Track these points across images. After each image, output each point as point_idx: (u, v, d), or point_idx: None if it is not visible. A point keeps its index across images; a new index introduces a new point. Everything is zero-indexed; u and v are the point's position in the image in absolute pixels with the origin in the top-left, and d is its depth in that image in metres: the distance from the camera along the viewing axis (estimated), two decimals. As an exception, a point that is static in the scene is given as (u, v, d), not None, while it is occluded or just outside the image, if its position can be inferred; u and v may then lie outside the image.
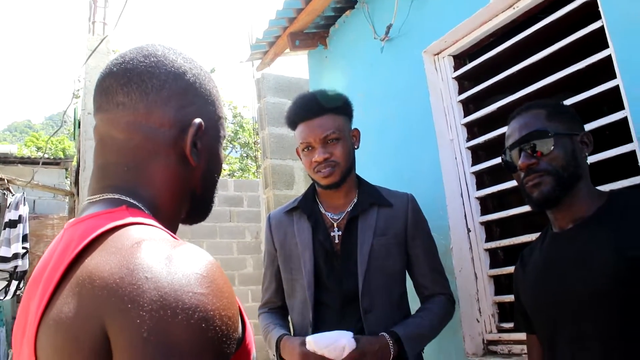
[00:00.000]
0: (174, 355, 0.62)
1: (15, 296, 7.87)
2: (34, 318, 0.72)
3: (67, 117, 8.78)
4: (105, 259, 0.70)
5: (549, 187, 1.49)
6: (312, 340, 1.80)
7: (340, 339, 1.78)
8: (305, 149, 2.03)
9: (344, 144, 2.01)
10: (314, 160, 1.99)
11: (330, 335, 1.81)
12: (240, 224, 10.15)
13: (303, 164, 2.09)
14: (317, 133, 1.98)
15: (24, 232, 7.65)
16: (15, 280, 7.43)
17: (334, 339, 1.79)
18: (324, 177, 2.00)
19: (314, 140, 1.99)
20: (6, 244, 7.38)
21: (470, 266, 2.43)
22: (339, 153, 1.99)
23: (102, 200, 0.85)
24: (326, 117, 2.00)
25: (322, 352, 1.77)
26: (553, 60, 2.20)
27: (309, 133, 2.00)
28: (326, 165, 1.98)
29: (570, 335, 1.46)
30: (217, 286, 0.69)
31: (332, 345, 1.77)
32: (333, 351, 1.76)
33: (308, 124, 2.01)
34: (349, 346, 1.76)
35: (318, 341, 1.79)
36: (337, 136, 1.99)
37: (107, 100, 0.88)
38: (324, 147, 1.99)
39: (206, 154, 0.94)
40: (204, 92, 0.94)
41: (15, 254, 7.34)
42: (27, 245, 7.69)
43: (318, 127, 1.99)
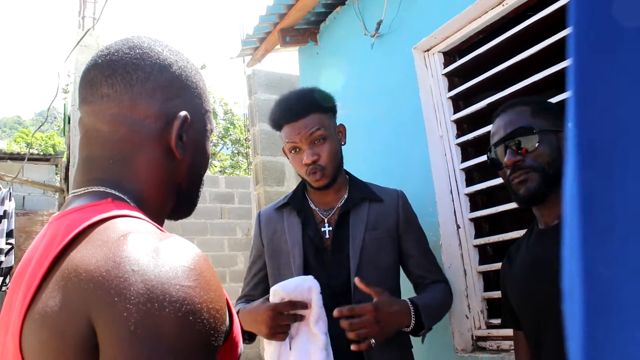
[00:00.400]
0: (162, 348, 0.61)
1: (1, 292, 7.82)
2: (19, 313, 0.71)
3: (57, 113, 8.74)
4: (91, 252, 0.69)
5: (534, 183, 1.49)
6: (278, 287, 1.76)
7: (304, 282, 1.75)
8: (293, 150, 2.02)
9: (330, 143, 2.00)
10: (303, 163, 1.98)
11: (293, 280, 1.78)
12: (231, 220, 10.15)
13: (292, 164, 2.08)
14: (302, 134, 1.97)
15: (9, 227, 7.57)
16: (1, 276, 7.37)
17: (296, 282, 1.76)
18: (315, 180, 2.00)
19: (300, 141, 1.98)
20: None
21: (460, 262, 2.44)
22: (326, 154, 1.98)
23: (87, 193, 0.84)
24: (311, 117, 1.99)
25: (290, 296, 1.73)
26: (543, 57, 2.20)
27: (294, 134, 1.99)
28: (314, 169, 1.97)
29: (555, 332, 1.46)
30: (205, 279, 0.68)
31: (299, 287, 1.73)
32: (300, 294, 1.73)
33: (293, 125, 2.00)
34: (315, 287, 1.73)
35: (284, 287, 1.75)
36: (323, 134, 1.98)
37: (91, 92, 0.88)
38: (311, 147, 1.98)
39: (192, 147, 0.93)
40: (191, 84, 0.93)
41: (0, 250, 7.27)
42: (12, 241, 7.62)
43: (303, 128, 1.98)
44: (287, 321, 1.74)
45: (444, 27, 2.49)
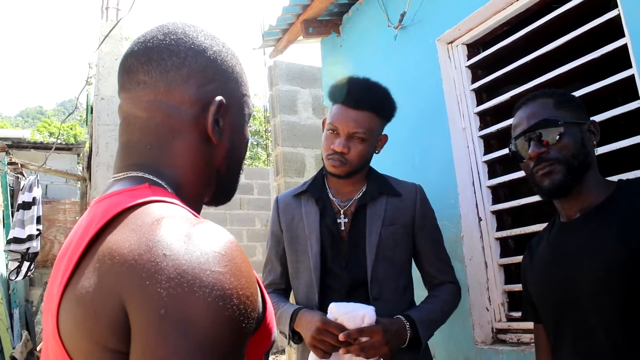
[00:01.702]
0: (191, 332, 0.62)
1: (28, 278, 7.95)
2: (57, 293, 0.73)
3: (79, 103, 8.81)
4: (125, 235, 0.70)
5: (560, 175, 1.48)
6: (334, 306, 1.81)
7: (361, 309, 1.79)
8: (330, 130, 2.02)
9: (365, 146, 1.99)
10: (332, 147, 1.98)
11: (352, 304, 1.82)
12: (250, 211, 10.20)
13: (322, 142, 2.07)
14: (348, 125, 1.96)
15: (37, 213, 7.70)
16: (27, 262, 7.49)
17: (355, 307, 1.80)
18: (333, 166, 2.00)
19: (342, 129, 1.97)
20: (20, 225, 7.42)
21: (481, 255, 2.44)
22: (356, 153, 1.98)
23: (126, 178, 0.85)
24: (365, 114, 1.97)
25: (341, 318, 1.78)
26: (567, 50, 2.19)
27: (341, 120, 1.98)
28: (339, 158, 1.98)
29: (575, 325, 1.46)
30: (236, 265, 0.69)
31: (352, 313, 1.77)
32: (352, 319, 1.76)
33: (346, 111, 1.98)
34: (369, 316, 1.76)
35: (340, 307, 1.80)
36: (364, 137, 1.97)
37: (129, 79, 0.89)
38: (347, 139, 1.97)
39: (229, 132, 0.93)
40: (226, 69, 0.93)
41: (30, 236, 7.38)
42: (40, 227, 7.75)
43: (352, 120, 1.96)
44: (331, 340, 1.78)
45: (468, 19, 2.47)
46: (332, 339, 1.78)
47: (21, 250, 7.31)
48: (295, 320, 1.94)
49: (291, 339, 1.98)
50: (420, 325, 1.88)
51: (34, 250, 7.44)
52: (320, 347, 1.80)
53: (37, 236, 7.56)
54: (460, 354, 2.44)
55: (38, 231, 7.61)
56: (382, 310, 1.93)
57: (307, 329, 1.86)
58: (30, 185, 7.78)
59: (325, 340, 1.79)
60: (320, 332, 1.79)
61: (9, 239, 7.37)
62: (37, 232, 7.53)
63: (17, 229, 7.34)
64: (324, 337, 1.79)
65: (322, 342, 1.80)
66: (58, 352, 0.71)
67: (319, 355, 1.82)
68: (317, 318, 1.83)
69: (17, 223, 7.44)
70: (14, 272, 7.38)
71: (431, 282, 2.10)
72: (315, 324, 1.81)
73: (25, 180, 8.05)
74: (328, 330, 1.78)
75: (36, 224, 7.54)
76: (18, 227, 7.35)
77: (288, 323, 1.96)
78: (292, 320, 1.95)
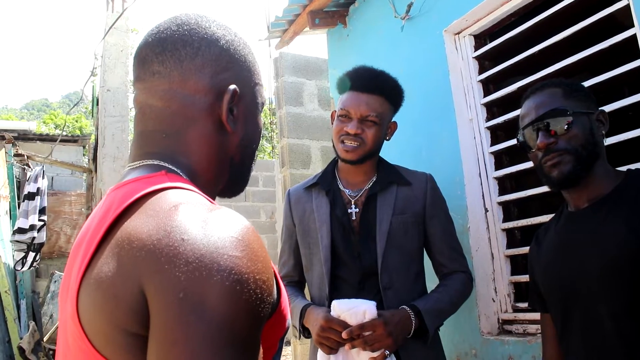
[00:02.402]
0: (208, 316, 0.63)
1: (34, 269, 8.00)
2: (76, 277, 0.75)
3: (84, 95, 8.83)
4: (143, 221, 0.72)
5: (569, 166, 1.47)
6: (336, 303, 1.85)
7: (362, 305, 1.81)
8: (342, 117, 2.03)
9: (377, 130, 2.01)
10: (345, 129, 1.99)
11: (352, 301, 1.85)
12: (255, 203, 10.22)
13: (333, 129, 2.09)
14: (361, 108, 1.98)
15: (41, 205, 7.74)
16: (32, 252, 7.54)
17: (355, 304, 1.83)
18: (346, 150, 2.01)
19: (354, 113, 1.99)
20: (24, 215, 7.47)
21: (487, 246, 2.44)
22: (370, 137, 1.99)
23: (142, 166, 0.87)
24: (376, 98, 2.00)
25: (344, 315, 1.81)
26: (574, 41, 2.18)
27: (353, 104, 2.00)
28: (354, 139, 1.98)
29: (583, 314, 1.46)
30: (252, 250, 0.70)
31: (353, 309, 1.80)
32: (354, 315, 1.80)
33: (357, 95, 2.01)
34: (370, 312, 1.79)
35: (341, 304, 1.84)
36: (376, 120, 1.99)
37: (143, 69, 0.90)
38: (360, 123, 1.99)
39: (243, 120, 0.94)
40: (239, 58, 0.94)
41: (32, 226, 7.42)
42: (44, 218, 7.78)
43: (364, 104, 1.99)
44: (335, 337, 1.81)
45: (475, 10, 2.46)
46: (336, 336, 1.81)
47: (26, 241, 7.36)
48: (304, 317, 1.98)
49: (302, 333, 2.02)
50: (426, 315, 1.89)
51: (39, 240, 7.48)
52: (325, 343, 1.84)
53: (41, 227, 7.59)
54: (466, 345, 2.45)
55: (42, 222, 7.64)
56: (393, 299, 1.95)
57: (313, 326, 1.91)
58: (36, 176, 7.82)
59: (329, 337, 1.83)
60: (324, 329, 1.83)
61: (14, 230, 7.43)
62: (40, 222, 7.56)
63: (21, 219, 7.41)
64: (328, 334, 1.82)
65: (326, 339, 1.84)
66: (77, 336, 0.72)
67: (325, 351, 1.86)
68: (321, 316, 1.86)
69: (21, 214, 7.50)
70: (20, 263, 7.44)
71: (442, 271, 2.11)
72: (319, 322, 1.85)
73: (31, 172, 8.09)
74: (331, 327, 1.82)
75: (39, 214, 7.58)
76: (22, 218, 7.42)
77: (298, 319, 2.00)
78: (302, 316, 1.99)
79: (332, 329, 1.81)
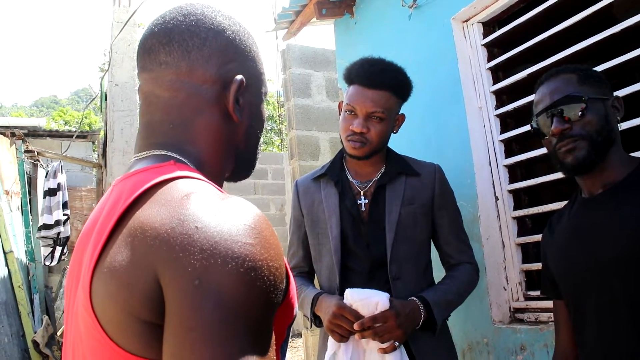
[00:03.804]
0: (224, 303, 0.63)
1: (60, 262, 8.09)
2: (89, 266, 0.75)
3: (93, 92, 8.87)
4: (156, 210, 0.72)
5: (583, 152, 1.46)
6: (349, 292, 1.85)
7: (375, 296, 1.82)
8: (348, 112, 2.01)
9: (384, 126, 2.00)
10: (351, 128, 1.98)
11: (366, 291, 1.85)
12: (264, 196, 10.24)
13: (340, 122, 2.08)
14: (366, 105, 1.96)
15: (63, 199, 7.87)
16: (59, 246, 7.64)
17: (369, 294, 1.83)
18: (353, 147, 2.00)
19: (359, 109, 1.97)
20: (47, 211, 7.59)
21: (498, 234, 2.43)
22: (376, 133, 1.98)
23: (150, 156, 0.87)
24: (382, 94, 1.97)
25: (356, 304, 1.82)
26: (583, 27, 2.16)
27: (358, 100, 1.98)
28: (359, 138, 1.98)
29: (598, 300, 1.45)
30: (265, 237, 0.71)
31: (366, 300, 1.81)
32: (366, 305, 1.81)
33: (363, 91, 1.98)
34: (382, 304, 1.80)
35: (354, 294, 1.84)
36: (383, 116, 1.97)
37: (150, 59, 0.90)
38: (366, 120, 1.97)
39: (248, 110, 0.95)
40: (244, 48, 0.95)
41: (57, 221, 7.55)
42: (67, 212, 7.89)
43: (370, 100, 1.96)
44: (346, 326, 1.82)
45: (483, -3, 2.45)
46: (347, 324, 1.81)
47: (52, 236, 7.47)
48: (315, 305, 1.99)
49: (313, 322, 2.03)
50: (434, 307, 1.89)
51: (65, 234, 7.62)
52: (337, 331, 1.85)
53: (65, 221, 7.71)
54: (477, 334, 2.45)
55: (66, 216, 7.76)
56: (402, 290, 1.95)
57: (325, 313, 1.90)
58: (55, 172, 7.91)
59: (341, 324, 1.83)
60: (336, 317, 1.83)
61: (39, 226, 7.54)
62: (64, 217, 7.68)
63: (45, 215, 7.54)
64: (340, 322, 1.83)
65: (338, 326, 1.84)
66: (91, 325, 0.72)
67: (336, 339, 1.86)
68: (334, 303, 1.87)
69: (45, 210, 7.62)
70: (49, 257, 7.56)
71: (448, 262, 2.11)
72: (332, 309, 1.85)
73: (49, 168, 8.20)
74: (343, 315, 1.82)
75: (62, 209, 7.69)
76: (46, 214, 7.56)
77: (309, 307, 2.00)
78: (313, 304, 1.99)
79: (344, 317, 1.82)
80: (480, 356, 2.43)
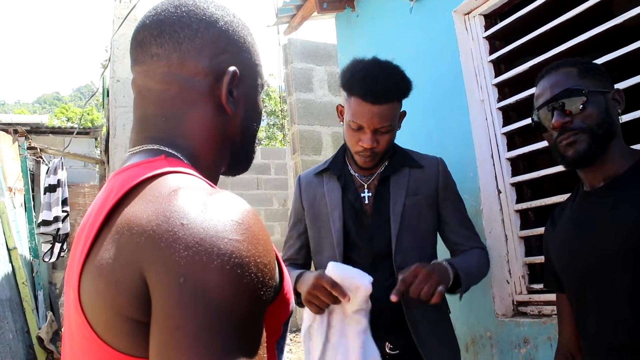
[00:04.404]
0: (209, 300, 0.62)
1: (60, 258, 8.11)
2: (77, 264, 0.74)
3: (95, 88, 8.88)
4: (143, 206, 0.71)
5: (584, 145, 1.46)
6: (332, 265, 1.80)
7: (358, 278, 1.76)
8: (355, 127, 1.96)
9: (392, 134, 1.99)
10: (360, 144, 1.95)
11: (350, 269, 1.79)
12: (267, 191, 10.25)
13: (346, 135, 2.04)
14: (374, 122, 1.92)
15: (63, 196, 7.87)
16: (59, 243, 7.65)
17: (352, 273, 1.77)
18: (364, 162, 2.01)
19: (367, 126, 1.93)
20: (47, 207, 7.60)
21: (501, 227, 2.42)
22: (385, 142, 1.97)
23: (142, 151, 0.86)
24: (389, 107, 1.92)
25: (337, 279, 1.75)
26: (586, 19, 2.15)
27: (365, 117, 1.92)
28: (370, 153, 1.96)
29: (599, 293, 1.45)
30: (253, 233, 0.69)
31: (348, 278, 1.75)
32: (347, 284, 1.74)
33: (369, 108, 1.91)
34: (365, 288, 1.74)
35: (336, 268, 1.78)
36: (390, 127, 1.96)
37: (142, 52, 0.89)
38: (374, 134, 1.94)
39: (243, 102, 0.93)
40: (238, 39, 0.93)
41: (56, 217, 7.56)
42: (67, 209, 7.89)
43: (377, 117, 1.91)
44: (323, 297, 1.77)
45: (485, -11, 2.43)
46: (324, 295, 1.77)
47: (51, 232, 7.47)
48: (298, 282, 1.94)
49: (296, 301, 1.97)
50: (461, 273, 1.86)
51: (64, 231, 7.62)
52: (314, 302, 1.81)
53: (65, 218, 7.71)
54: (480, 327, 2.45)
55: (65, 212, 7.76)
56: None
57: (304, 285, 1.86)
58: (55, 168, 7.92)
59: (318, 295, 1.78)
60: (315, 287, 1.78)
61: (38, 223, 7.55)
62: (63, 213, 7.68)
63: (44, 211, 7.54)
64: (318, 292, 1.78)
65: (315, 297, 1.80)
66: (80, 324, 0.72)
67: (313, 310, 1.83)
68: (314, 274, 1.83)
69: (44, 206, 7.63)
70: (48, 254, 7.57)
71: (459, 250, 2.09)
72: (311, 280, 1.81)
73: (49, 164, 8.20)
74: (322, 284, 1.77)
75: (62, 205, 7.69)
76: (45, 210, 7.54)
77: (293, 285, 1.95)
78: (296, 283, 1.95)
79: (323, 287, 1.77)
80: (484, 350, 2.43)
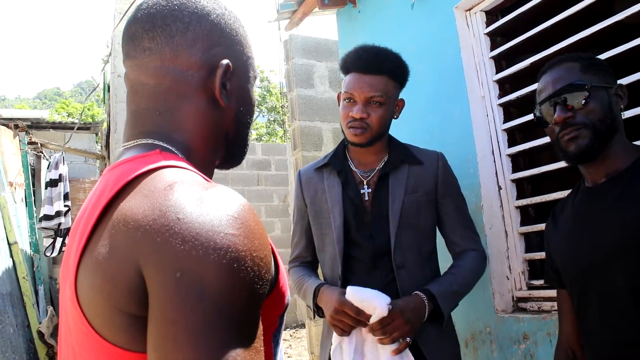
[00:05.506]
0: (206, 295, 0.62)
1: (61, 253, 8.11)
2: (74, 259, 0.74)
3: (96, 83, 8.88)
4: (138, 201, 0.71)
5: (586, 140, 1.45)
6: (351, 290, 1.85)
7: (375, 299, 1.81)
8: (347, 100, 2.01)
9: (384, 110, 1.99)
10: (350, 115, 1.98)
11: (368, 292, 1.84)
12: (268, 187, 10.25)
13: (340, 111, 2.08)
14: (364, 90, 1.96)
15: (64, 190, 7.86)
16: (60, 237, 7.65)
17: (369, 296, 1.82)
18: (354, 134, 1.99)
19: (358, 95, 1.97)
20: (49, 202, 7.59)
21: (501, 223, 2.43)
22: (376, 117, 1.97)
23: (136, 145, 0.86)
24: (379, 78, 1.96)
25: (358, 304, 1.82)
26: (587, 16, 2.15)
27: (356, 86, 1.97)
28: (360, 124, 1.97)
29: (600, 289, 1.45)
30: (249, 227, 0.69)
31: (366, 302, 1.81)
32: (365, 308, 1.81)
33: (360, 77, 1.98)
34: (380, 310, 1.78)
35: (356, 293, 1.84)
36: (382, 100, 1.97)
37: (134, 46, 0.89)
38: (365, 105, 1.96)
39: (236, 95, 0.93)
40: (230, 32, 0.93)
41: (58, 212, 7.54)
42: (68, 203, 7.89)
43: (367, 85, 1.96)
44: (348, 321, 1.84)
45: (487, -15, 2.43)
46: (348, 320, 1.83)
47: (53, 227, 7.47)
48: (317, 296, 2.00)
49: (316, 312, 2.04)
50: (440, 298, 1.89)
51: (65, 225, 7.61)
52: (339, 325, 1.87)
53: (66, 212, 7.71)
54: (480, 323, 2.45)
55: (67, 207, 7.76)
56: (406, 278, 1.95)
57: (326, 307, 1.92)
58: (56, 163, 7.91)
59: (342, 320, 1.85)
60: (337, 312, 1.85)
61: (40, 217, 7.54)
62: (65, 208, 7.67)
63: (46, 206, 7.53)
64: (342, 318, 1.85)
65: (340, 321, 1.86)
66: (77, 318, 0.72)
67: (338, 333, 1.88)
68: (335, 299, 1.88)
69: (46, 200, 7.62)
70: (50, 249, 7.56)
71: (455, 250, 2.10)
72: (333, 305, 1.87)
73: (50, 159, 8.19)
74: (344, 311, 1.83)
75: (63, 200, 7.69)
76: (47, 205, 7.54)
77: (312, 299, 2.01)
78: (315, 296, 2.00)
79: (345, 312, 1.83)
80: (483, 345, 2.43)
